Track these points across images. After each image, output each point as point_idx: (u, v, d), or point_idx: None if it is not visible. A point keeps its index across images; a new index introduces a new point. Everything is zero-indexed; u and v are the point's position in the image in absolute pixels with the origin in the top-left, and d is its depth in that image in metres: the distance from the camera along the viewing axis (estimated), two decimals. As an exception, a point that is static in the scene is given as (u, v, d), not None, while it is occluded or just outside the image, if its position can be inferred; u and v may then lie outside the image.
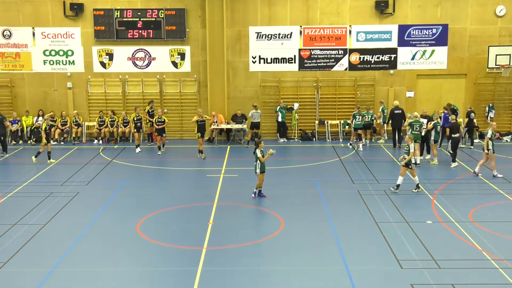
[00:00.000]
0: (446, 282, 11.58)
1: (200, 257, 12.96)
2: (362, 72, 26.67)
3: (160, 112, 23.95)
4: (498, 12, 26.06)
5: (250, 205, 16.84)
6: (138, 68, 26.83)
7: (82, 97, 27.01)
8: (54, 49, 26.68)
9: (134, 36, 26.35)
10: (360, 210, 16.22)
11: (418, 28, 26.27)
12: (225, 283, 11.73)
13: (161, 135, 23.64)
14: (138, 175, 20.60)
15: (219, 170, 20.89)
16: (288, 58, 26.59)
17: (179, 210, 16.60)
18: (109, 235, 14.55)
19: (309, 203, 17.01)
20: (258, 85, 26.80)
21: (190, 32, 26.45)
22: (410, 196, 17.39)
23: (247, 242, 13.90)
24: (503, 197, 17.25)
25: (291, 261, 12.81)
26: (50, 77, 26.89)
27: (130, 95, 27.02)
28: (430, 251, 13.12)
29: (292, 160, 22.49)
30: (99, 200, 17.31)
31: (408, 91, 26.76)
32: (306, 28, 26.36)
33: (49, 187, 18.75)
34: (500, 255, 12.83)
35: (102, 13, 26.16)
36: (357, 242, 13.87)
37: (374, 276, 12.00)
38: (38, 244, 13.93)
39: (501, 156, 22.82)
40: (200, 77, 26.77)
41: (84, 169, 21.28)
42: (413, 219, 15.26)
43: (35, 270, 12.40)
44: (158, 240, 14.09)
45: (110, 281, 11.97)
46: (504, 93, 26.73)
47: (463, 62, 26.53)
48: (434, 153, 21.69)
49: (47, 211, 16.29)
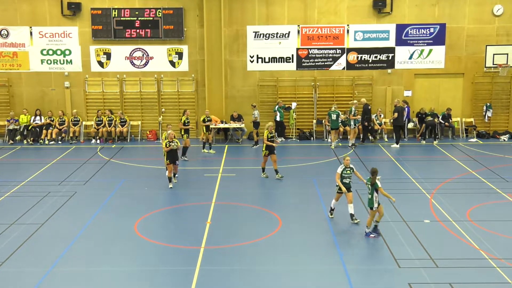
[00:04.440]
0: (443, 281, 11.60)
1: (198, 256, 12.96)
2: (360, 71, 26.68)
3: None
4: (495, 12, 26.08)
5: (248, 205, 16.84)
6: (136, 67, 26.81)
7: (80, 97, 26.98)
8: (52, 48, 26.64)
9: (131, 36, 26.32)
10: (357, 209, 16.20)
11: (415, 27, 26.29)
12: (223, 283, 11.74)
13: (173, 162, 18.85)
14: (136, 175, 20.58)
15: (217, 169, 20.89)
16: (286, 58, 26.60)
17: (177, 209, 16.61)
18: (107, 234, 14.54)
19: (307, 202, 17.02)
20: (256, 84, 26.79)
21: (187, 31, 26.43)
22: (407, 195, 17.40)
23: (245, 242, 13.90)
24: (500, 196, 17.28)
25: (289, 260, 12.82)
26: (48, 76, 26.86)
27: (128, 94, 27.00)
28: (428, 250, 13.14)
29: (290, 160, 22.49)
30: (97, 200, 17.30)
31: (406, 90, 26.78)
32: (303, 27, 26.36)
33: (47, 186, 18.73)
34: (498, 254, 12.86)
35: (100, 12, 26.13)
36: (355, 241, 13.89)
37: (371, 275, 12.03)
38: (35, 243, 13.92)
39: (498, 155, 22.89)
40: (198, 76, 26.75)
41: (81, 168, 21.26)
42: (411, 218, 15.28)
43: (33, 270, 12.40)
44: (156, 240, 14.09)
45: (107, 281, 11.97)
46: (502, 92, 26.75)
47: (460, 61, 26.56)
48: (333, 138, 24.53)
49: (44, 210, 16.28)
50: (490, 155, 22.80)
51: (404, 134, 26.08)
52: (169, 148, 18.39)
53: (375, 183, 13.87)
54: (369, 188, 14.01)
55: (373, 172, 14.06)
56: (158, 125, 26.69)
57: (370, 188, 13.98)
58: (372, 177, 13.99)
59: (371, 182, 13.96)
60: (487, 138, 26.26)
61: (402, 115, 24.88)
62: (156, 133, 26.75)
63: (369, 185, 14.00)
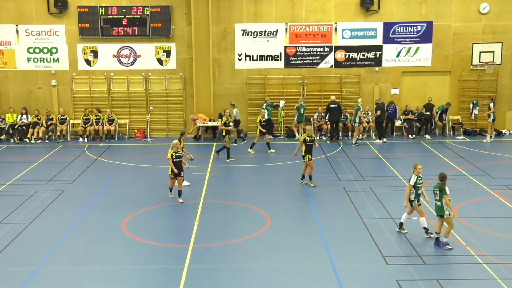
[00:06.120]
0: (431, 278, 11.68)
1: (186, 254, 12.95)
2: (347, 69, 26.75)
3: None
4: (481, 10, 26.26)
5: (236, 203, 16.84)
6: (123, 65, 26.69)
7: (67, 95, 26.82)
8: (38, 46, 26.45)
9: (119, 34, 26.20)
10: (346, 206, 16.29)
11: (403, 25, 26.41)
12: (212, 281, 11.73)
13: (178, 174, 16.76)
14: (123, 173, 20.50)
15: (205, 167, 20.86)
16: (274, 56, 26.62)
17: (165, 208, 16.57)
18: (94, 233, 14.48)
19: (295, 200, 17.06)
20: (244, 82, 26.78)
21: (175, 29, 26.36)
22: (395, 193, 17.48)
23: (233, 240, 13.91)
24: (487, 193, 17.42)
25: (278, 258, 12.84)
26: (34, 74, 26.66)
27: (116, 92, 26.87)
28: (416, 247, 13.23)
29: (278, 158, 22.51)
30: (85, 199, 17.22)
31: (393, 88, 26.90)
32: (291, 25, 26.38)
33: (34, 185, 18.61)
34: (484, 250, 12.97)
35: (87, 10, 25.98)
36: (343, 239, 13.94)
37: (360, 272, 12.07)
38: (22, 243, 13.83)
39: (484, 152, 23.06)
40: (185, 74, 26.69)
41: (69, 167, 21.15)
42: (399, 215, 15.32)
43: (20, 269, 12.31)
44: (144, 238, 14.05)
45: (95, 280, 11.93)
46: (488, 90, 26.92)
47: (447, 59, 26.72)
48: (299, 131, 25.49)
49: (31, 209, 16.17)
50: (477, 152, 22.97)
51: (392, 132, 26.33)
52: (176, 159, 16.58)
53: (443, 189, 13.05)
54: (437, 194, 13.17)
55: (442, 177, 13.14)
56: (146, 124, 26.59)
57: (438, 195, 13.14)
58: (441, 182, 13.10)
59: (440, 188, 13.10)
60: (473, 136, 26.44)
61: (384, 112, 25.10)
62: (144, 131, 26.65)
63: (438, 191, 13.17)
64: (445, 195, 13.02)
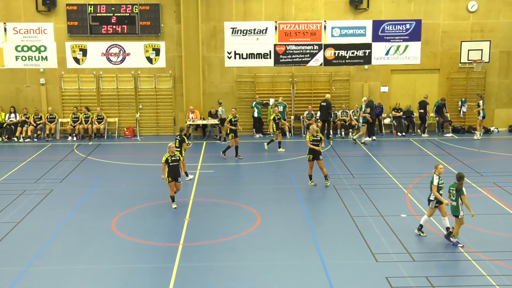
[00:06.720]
0: (420, 275, 11.75)
1: (176, 253, 12.94)
2: (337, 67, 26.81)
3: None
4: (470, 8, 26.40)
5: (226, 201, 16.83)
6: (113, 63, 26.58)
7: (56, 93, 26.66)
8: (27, 44, 26.28)
9: (108, 32, 26.08)
10: (335, 204, 16.34)
11: (392, 23, 26.49)
12: (202, 279, 11.73)
13: (175, 179, 16.23)
14: (113, 172, 20.43)
15: (195, 166, 20.83)
16: (264, 54, 26.61)
17: (154, 206, 16.52)
18: (84, 232, 14.43)
19: (285, 198, 17.07)
20: (234, 80, 26.76)
21: (165, 27, 26.28)
22: (384, 190, 17.56)
23: (223, 238, 13.91)
24: (476, 190, 17.52)
25: (268, 256, 12.85)
26: (23, 73, 26.48)
27: (105, 91, 26.75)
28: (405, 244, 13.29)
29: (268, 155, 22.52)
30: (74, 197, 17.15)
31: (383, 86, 27.00)
32: (281, 23, 26.39)
33: (23, 184, 18.50)
34: (473, 247, 13.06)
35: (75, 8, 25.82)
36: (333, 236, 13.98)
37: (349, 270, 12.11)
38: (11, 242, 13.76)
39: (473, 149, 23.20)
40: (175, 72, 26.63)
41: (58, 166, 21.04)
42: (388, 213, 15.43)
43: (9, 269, 12.25)
44: (134, 237, 14.02)
45: (85, 279, 11.88)
46: (476, 87, 27.07)
47: (436, 57, 26.84)
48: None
49: (20, 209, 16.08)
50: (465, 150, 23.11)
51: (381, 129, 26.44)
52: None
53: (460, 189, 12.91)
54: (453, 195, 13.02)
55: (459, 177, 12.99)
56: (135, 122, 26.50)
57: (454, 195, 13.00)
58: (458, 182, 12.95)
59: (457, 188, 12.94)
60: (462, 133, 26.59)
61: (373, 110, 25.08)
62: (134, 130, 26.57)
63: (454, 191, 13.03)
64: (462, 195, 12.91)
